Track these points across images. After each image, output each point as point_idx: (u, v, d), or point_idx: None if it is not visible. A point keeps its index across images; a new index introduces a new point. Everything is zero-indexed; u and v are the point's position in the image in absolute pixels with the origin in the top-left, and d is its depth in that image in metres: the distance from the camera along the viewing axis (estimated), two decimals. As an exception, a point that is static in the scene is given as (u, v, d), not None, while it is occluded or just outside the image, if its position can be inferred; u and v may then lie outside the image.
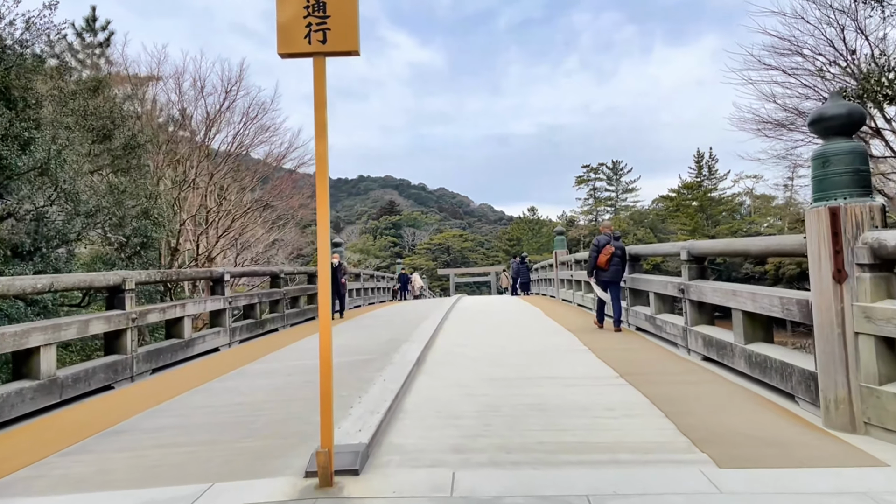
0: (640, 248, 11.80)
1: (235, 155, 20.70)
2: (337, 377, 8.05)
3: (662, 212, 67.41)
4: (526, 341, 10.21)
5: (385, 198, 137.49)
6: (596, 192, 78.42)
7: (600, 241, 11.15)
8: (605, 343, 9.56)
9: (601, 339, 10.07)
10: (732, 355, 6.74)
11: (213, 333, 10.69)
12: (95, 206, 9.69)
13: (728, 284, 7.38)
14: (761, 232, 58.25)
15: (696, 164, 64.90)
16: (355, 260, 71.79)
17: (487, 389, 6.41)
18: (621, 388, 6.33)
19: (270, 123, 22.32)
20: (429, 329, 11.30)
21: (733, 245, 7.57)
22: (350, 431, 4.57)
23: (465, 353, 9.05)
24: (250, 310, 12.79)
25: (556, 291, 22.01)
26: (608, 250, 10.96)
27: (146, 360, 8.52)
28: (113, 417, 5.98)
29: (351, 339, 11.69)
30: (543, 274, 26.71)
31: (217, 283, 11.40)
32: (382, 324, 14.59)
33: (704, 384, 6.38)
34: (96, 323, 7.55)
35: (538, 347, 9.42)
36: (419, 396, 6.20)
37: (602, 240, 11.17)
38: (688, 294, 8.24)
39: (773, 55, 18.25)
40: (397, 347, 9.20)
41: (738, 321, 6.58)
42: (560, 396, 5.97)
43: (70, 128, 9.60)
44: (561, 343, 9.84)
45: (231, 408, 6.20)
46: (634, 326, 11.14)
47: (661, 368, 7.40)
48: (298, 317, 15.53)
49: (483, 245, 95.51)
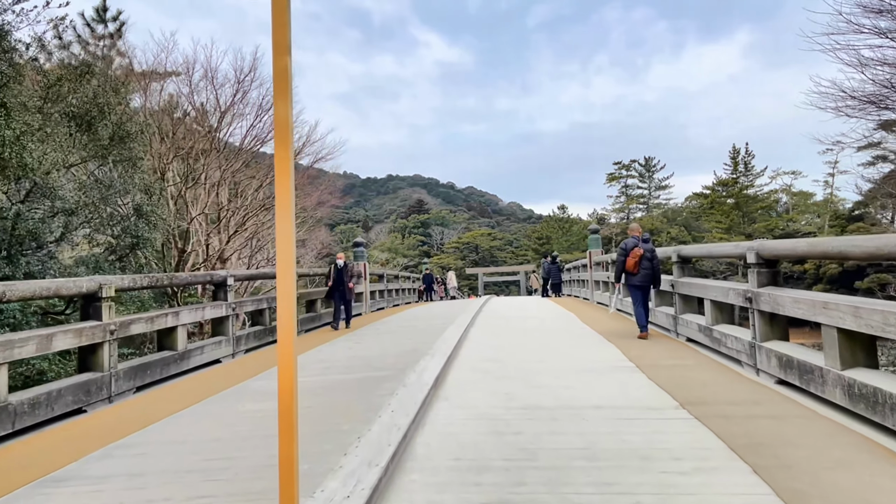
0: (692, 249, 10.61)
1: (248, 150, 19.69)
2: (342, 400, 6.96)
3: (696, 209, 65.38)
4: (563, 355, 8.94)
5: (414, 197, 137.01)
6: (628, 189, 76.63)
7: (628, 245, 10.38)
8: (653, 358, 8.28)
9: (648, 352, 8.78)
10: (822, 382, 5.45)
11: (213, 343, 9.66)
12: (77, 202, 8.67)
13: (815, 294, 6.05)
14: (800, 230, 56.29)
15: (731, 159, 62.88)
16: (383, 259, 71.02)
17: (520, 424, 5.19)
18: (686, 424, 5.07)
19: None
20: (452, 338, 10.12)
21: (821, 246, 6.02)
22: (336, 498, 3.41)
23: (493, 369, 7.84)
24: (258, 316, 11.79)
25: (591, 294, 20.65)
26: (636, 253, 10.20)
27: (129, 377, 7.49)
28: (62, 456, 4.92)
29: (366, 348, 10.63)
30: (576, 274, 25.26)
31: (219, 288, 10.35)
32: (403, 330, 13.50)
33: (793, 421, 5.09)
34: (63, 337, 6.48)
35: (578, 363, 8.15)
36: (434, 434, 5.01)
37: (630, 243, 10.38)
38: (757, 304, 6.96)
39: (866, 14, 16.12)
40: (416, 362, 8.04)
41: (832, 341, 5.29)
42: (612, 437, 4.74)
43: (45, 114, 8.57)
44: (604, 358, 8.54)
45: (206, 445, 5.10)
46: (685, 337, 9.87)
47: (727, 395, 6.11)
48: (313, 322, 14.64)
49: (512, 244, 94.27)
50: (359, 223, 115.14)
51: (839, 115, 17.99)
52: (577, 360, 8.40)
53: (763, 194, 61.70)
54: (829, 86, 17.97)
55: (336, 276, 13.59)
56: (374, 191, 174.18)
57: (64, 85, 9.43)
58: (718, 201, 61.70)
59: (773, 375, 6.50)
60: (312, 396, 6.82)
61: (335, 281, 13.60)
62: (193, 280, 10.63)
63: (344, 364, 9.06)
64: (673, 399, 5.89)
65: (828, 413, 5.23)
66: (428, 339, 10.55)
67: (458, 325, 12.10)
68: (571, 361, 8.32)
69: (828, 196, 60.83)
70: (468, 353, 9.22)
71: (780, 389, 6.18)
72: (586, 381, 6.96)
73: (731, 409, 5.45)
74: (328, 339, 12.21)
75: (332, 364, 9.11)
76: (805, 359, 5.82)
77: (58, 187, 8.48)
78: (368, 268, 20.11)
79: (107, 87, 9.83)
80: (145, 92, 16.43)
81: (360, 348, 10.65)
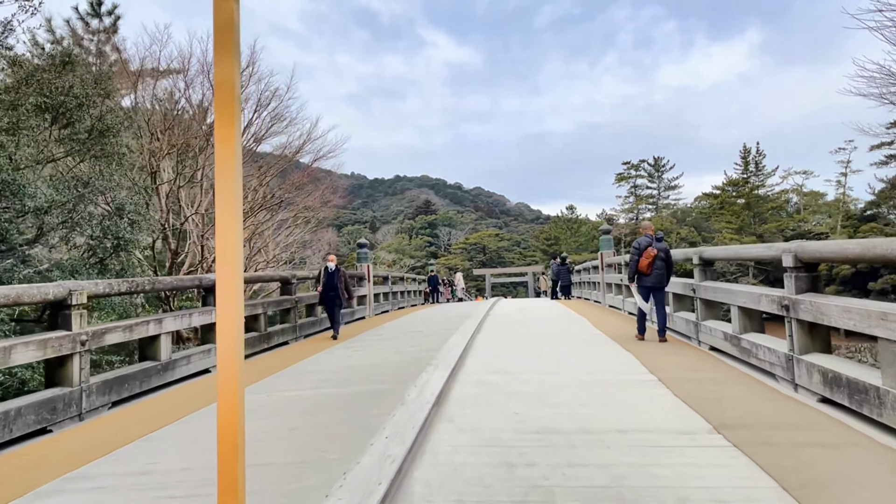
0: (717, 251, 9.93)
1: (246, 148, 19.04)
2: (333, 421, 6.18)
3: (706, 210, 64.40)
4: (577, 366, 8.21)
5: (421, 197, 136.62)
6: (637, 189, 75.83)
7: (641, 244, 9.87)
8: (676, 369, 7.59)
9: (669, 362, 8.09)
10: (879, 404, 4.75)
11: (201, 353, 9.01)
12: (50, 200, 8.01)
13: (869, 303, 5.32)
14: (811, 230, 55.47)
15: (742, 159, 62.07)
16: (389, 260, 70.40)
17: (534, 453, 4.51)
18: (725, 453, 4.38)
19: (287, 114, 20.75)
20: (458, 346, 9.45)
21: (877, 249, 5.13)
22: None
23: (502, 383, 7.13)
24: (253, 321, 11.13)
25: (602, 296, 19.94)
26: (650, 253, 9.69)
27: (103, 391, 6.86)
28: (5, 491, 4.28)
29: (366, 357, 9.98)
30: (586, 276, 24.54)
31: (209, 293, 9.71)
32: (406, 336, 12.82)
33: (848, 451, 4.38)
34: (23, 350, 5.83)
35: (595, 376, 7.44)
36: (435, 466, 4.33)
37: (643, 242, 9.87)
38: (795, 312, 6.27)
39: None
40: (417, 374, 7.36)
41: (891, 357, 4.61)
42: (641, 471, 4.06)
43: (16, 106, 7.91)
44: (622, 369, 7.84)
45: (174, 477, 4.45)
46: (707, 345, 9.18)
47: (766, 415, 5.41)
48: (314, 327, 14.03)
49: (519, 244, 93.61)
50: (366, 224, 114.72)
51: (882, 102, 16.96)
52: (593, 372, 7.71)
53: (774, 194, 60.89)
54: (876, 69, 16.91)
55: (326, 281, 12.64)
56: (381, 191, 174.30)
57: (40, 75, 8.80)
58: (729, 201, 60.96)
59: (815, 393, 5.83)
60: (300, 416, 6.17)
61: (325, 285, 12.64)
62: (180, 284, 10.00)
63: (340, 376, 8.39)
64: (705, 421, 5.21)
65: (887, 440, 4.54)
66: (432, 346, 9.91)
67: (464, 331, 11.42)
68: (587, 373, 7.62)
69: (840, 196, 59.95)
70: (474, 364, 8.54)
71: (825, 409, 5.50)
72: (605, 397, 6.28)
73: (774, 435, 4.76)
74: (326, 346, 11.57)
75: (327, 376, 8.45)
76: (857, 376, 5.12)
77: (27, 184, 7.83)
78: (373, 270, 19.46)
79: (86, 79, 9.19)
80: (135, 87, 15.79)
81: (359, 357, 9.98)
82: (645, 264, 9.73)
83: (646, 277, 9.82)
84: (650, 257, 9.70)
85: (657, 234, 10.08)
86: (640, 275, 9.87)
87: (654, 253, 9.71)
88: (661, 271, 9.75)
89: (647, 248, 9.77)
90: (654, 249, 9.74)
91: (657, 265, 9.72)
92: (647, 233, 10.06)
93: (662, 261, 9.74)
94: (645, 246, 9.82)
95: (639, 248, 9.87)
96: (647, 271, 9.76)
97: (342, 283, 12.76)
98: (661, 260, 9.72)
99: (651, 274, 9.75)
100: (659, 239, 10.00)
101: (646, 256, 9.74)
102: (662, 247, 9.82)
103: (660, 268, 9.74)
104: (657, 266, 9.72)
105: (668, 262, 9.82)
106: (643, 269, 9.77)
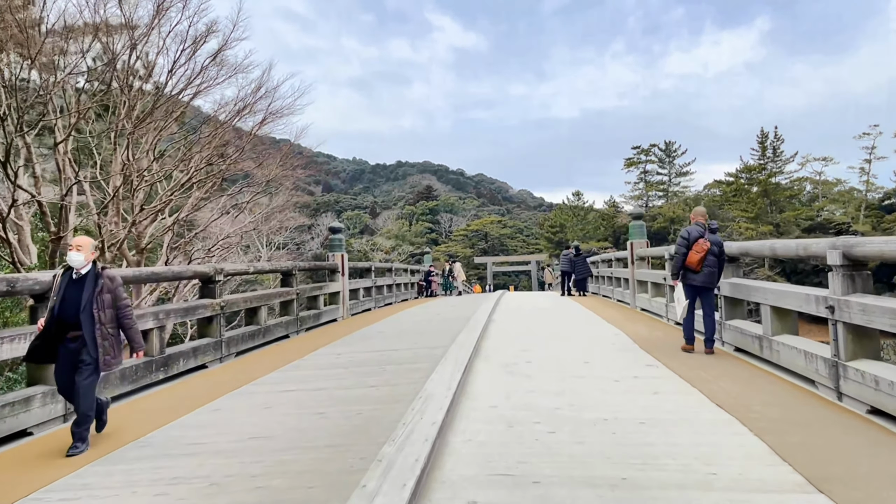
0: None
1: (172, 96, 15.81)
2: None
3: (719, 197, 62.07)
4: (626, 408, 5.49)
5: (423, 183, 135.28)
6: (647, 175, 73.38)
7: (691, 234, 8.19)
8: (748, 402, 5.64)
9: (733, 389, 6.16)
10: None
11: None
12: None
13: None
14: (831, 220, 53.25)
15: (759, 144, 59.77)
16: (388, 246, 67.96)
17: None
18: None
19: (233, 59, 16.61)
20: (455, 369, 6.82)
21: None
22: None
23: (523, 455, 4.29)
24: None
25: (632, 297, 15.72)
26: (702, 246, 8.04)
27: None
28: None
29: (336, 387, 7.01)
30: (605, 270, 20.98)
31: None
32: (390, 346, 10.09)
33: None
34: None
35: (651, 413, 5.29)
36: None
37: (694, 232, 8.20)
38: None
39: None
40: (395, 422, 4.87)
41: None
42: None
43: None
44: (700, 418, 5.19)
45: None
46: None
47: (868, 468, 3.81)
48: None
49: (522, 232, 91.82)
50: (366, 209, 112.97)
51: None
52: (647, 407, 5.54)
53: (791, 182, 58.73)
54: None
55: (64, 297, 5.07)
56: (383, 177, 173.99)
57: None
58: (743, 189, 58.77)
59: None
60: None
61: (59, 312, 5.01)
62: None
63: (298, 419, 5.75)
64: (799, 474, 3.83)
65: None
66: (422, 369, 7.40)
67: (465, 344, 8.68)
68: (643, 424, 4.94)
69: (863, 182, 57.61)
70: (478, 399, 5.97)
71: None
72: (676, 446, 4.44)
73: None
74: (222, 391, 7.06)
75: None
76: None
77: None
78: (373, 259, 16.87)
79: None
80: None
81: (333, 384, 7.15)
82: (695, 259, 8.02)
83: (694, 275, 8.13)
84: (702, 251, 7.99)
85: (711, 224, 8.37)
86: (686, 271, 8.23)
87: (706, 247, 8.01)
88: (712, 268, 8.07)
89: (699, 241, 8.06)
90: (707, 242, 8.03)
91: (709, 261, 8.02)
92: (699, 220, 8.39)
93: (715, 256, 8.06)
94: (696, 237, 8.12)
95: (687, 240, 8.20)
96: (696, 268, 8.05)
97: (103, 309, 5.12)
98: (713, 255, 8.04)
99: (701, 271, 8.05)
100: (713, 230, 8.28)
101: (696, 250, 8.02)
102: (716, 239, 8.18)
103: (711, 264, 8.05)
104: (708, 262, 8.02)
105: (720, 259, 8.17)
106: (692, 264, 8.08)
